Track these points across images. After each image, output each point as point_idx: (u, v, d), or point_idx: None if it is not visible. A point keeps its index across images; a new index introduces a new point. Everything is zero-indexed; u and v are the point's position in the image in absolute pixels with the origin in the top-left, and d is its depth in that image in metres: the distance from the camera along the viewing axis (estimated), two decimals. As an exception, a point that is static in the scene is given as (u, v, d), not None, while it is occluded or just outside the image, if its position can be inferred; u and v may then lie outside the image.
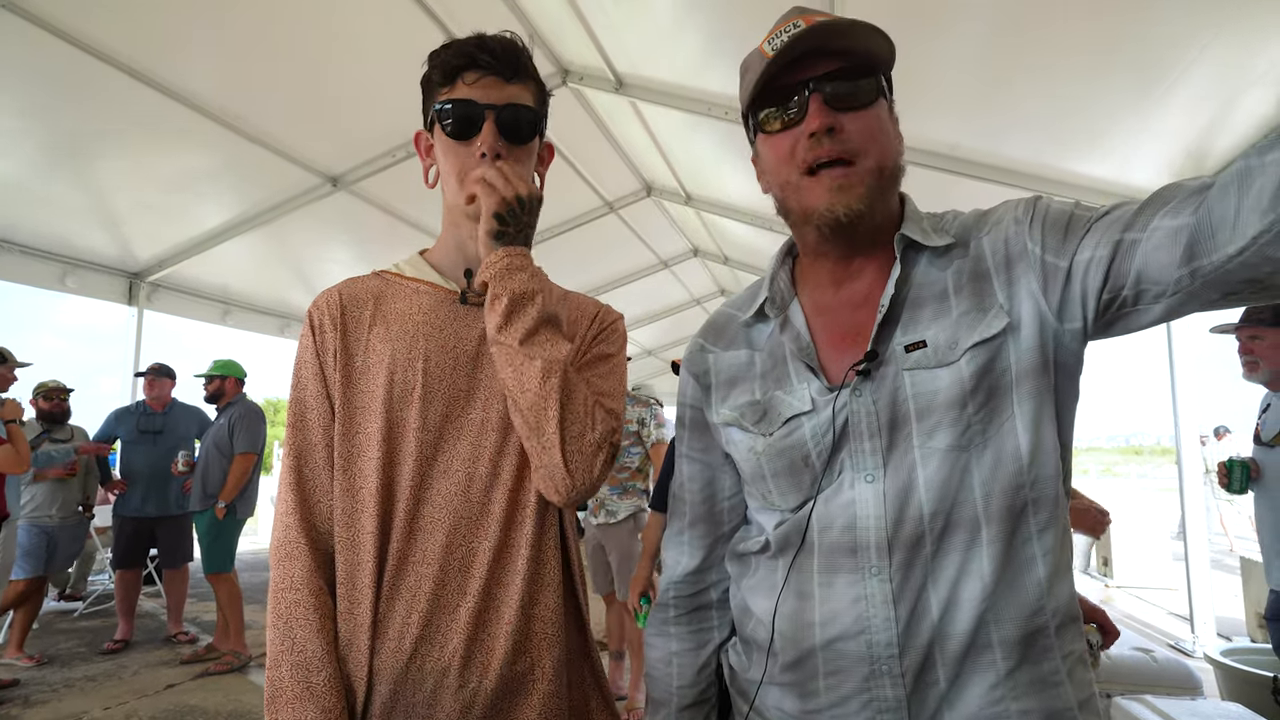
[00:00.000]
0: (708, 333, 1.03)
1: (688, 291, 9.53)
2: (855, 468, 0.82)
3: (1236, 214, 0.61)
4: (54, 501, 4.60)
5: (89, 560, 6.31)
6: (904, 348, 0.82)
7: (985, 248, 0.83)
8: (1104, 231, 0.75)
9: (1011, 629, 0.77)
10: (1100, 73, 3.05)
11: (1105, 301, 0.75)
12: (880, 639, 0.78)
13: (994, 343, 0.79)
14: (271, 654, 0.92)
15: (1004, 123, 3.62)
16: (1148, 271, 0.70)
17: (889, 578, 0.79)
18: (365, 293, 1.07)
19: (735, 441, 0.94)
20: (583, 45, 4.05)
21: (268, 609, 0.95)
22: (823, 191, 0.82)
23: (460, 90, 1.00)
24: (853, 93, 0.82)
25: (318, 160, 4.76)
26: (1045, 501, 0.79)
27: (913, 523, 0.79)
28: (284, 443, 1.02)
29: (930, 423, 0.79)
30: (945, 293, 0.83)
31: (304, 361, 1.03)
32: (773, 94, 0.86)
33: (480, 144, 0.99)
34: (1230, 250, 0.62)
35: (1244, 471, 2.62)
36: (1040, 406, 0.78)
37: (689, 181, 5.91)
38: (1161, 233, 0.69)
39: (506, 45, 1.01)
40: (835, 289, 0.91)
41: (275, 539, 0.98)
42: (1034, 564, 0.78)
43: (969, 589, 0.77)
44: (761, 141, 0.90)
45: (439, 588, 0.95)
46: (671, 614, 1.04)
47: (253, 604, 6.15)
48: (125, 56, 3.51)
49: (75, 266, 5.24)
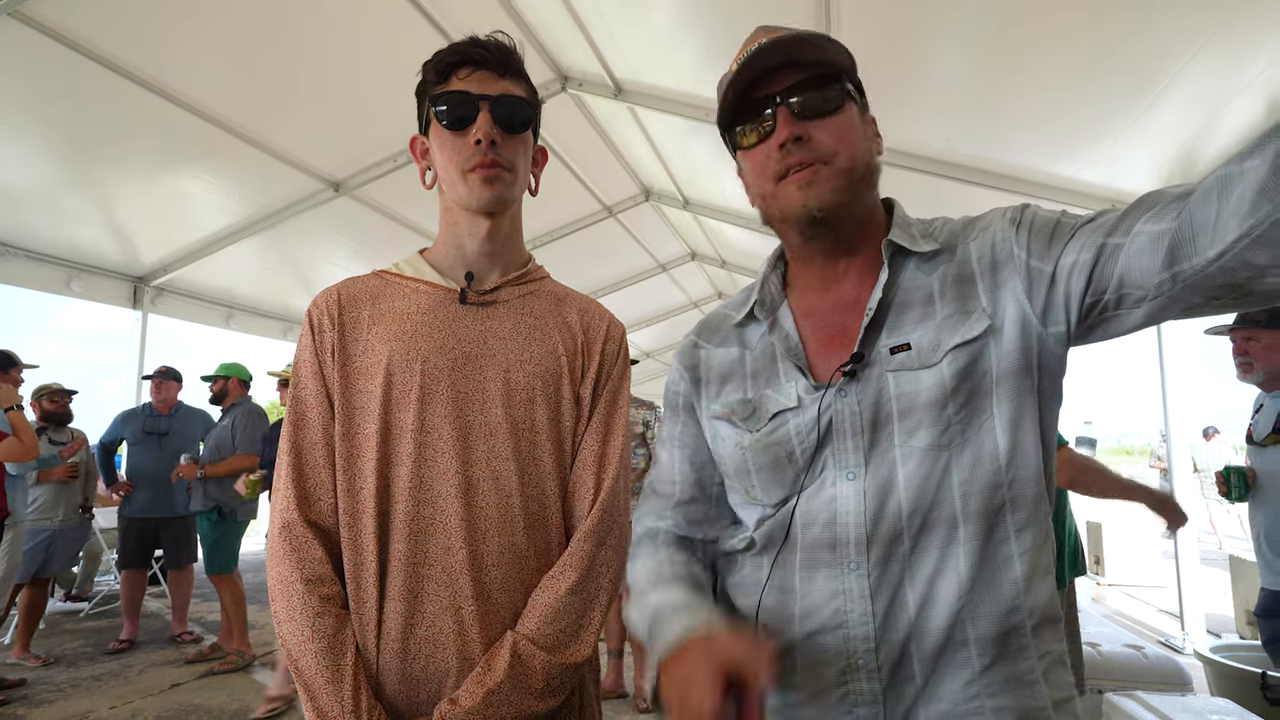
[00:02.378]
0: (701, 330, 1.04)
1: (685, 295, 9.53)
2: (838, 465, 0.83)
3: (1217, 219, 0.61)
4: (57, 504, 4.58)
5: (95, 561, 6.28)
6: (889, 350, 0.83)
7: (972, 253, 0.85)
8: (1088, 236, 0.75)
9: (987, 627, 0.77)
10: (1092, 80, 3.05)
11: (1088, 305, 0.76)
12: (857, 633, 0.79)
13: (975, 345, 0.80)
14: (294, 646, 0.90)
15: (996, 127, 3.63)
16: (1130, 276, 0.71)
17: (867, 573, 0.79)
18: (364, 292, 1.06)
19: (723, 436, 0.94)
20: (582, 52, 4.06)
21: (276, 605, 0.92)
22: (793, 192, 0.84)
23: (455, 85, 1.01)
24: (818, 101, 0.84)
25: (320, 166, 4.76)
26: (1024, 501, 0.79)
27: (891, 520, 0.79)
28: (282, 440, 1.01)
29: (911, 422, 0.80)
30: (931, 297, 0.84)
31: (303, 360, 1.02)
32: (744, 110, 0.87)
33: (476, 131, 0.99)
34: (1210, 254, 0.62)
35: (1241, 479, 2.59)
36: (1020, 408, 0.79)
37: (686, 186, 5.92)
38: (1144, 237, 0.69)
39: (498, 43, 1.03)
40: (823, 292, 0.92)
41: (275, 534, 0.96)
42: (1011, 563, 0.78)
43: (945, 586, 0.77)
44: (741, 157, 0.92)
45: (440, 589, 0.94)
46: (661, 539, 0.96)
47: (255, 604, 6.14)
48: (132, 65, 3.52)
49: (80, 271, 5.23)
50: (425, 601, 0.94)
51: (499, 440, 0.99)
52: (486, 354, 1.02)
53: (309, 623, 0.90)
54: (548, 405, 1.04)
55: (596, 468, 1.05)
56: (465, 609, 0.94)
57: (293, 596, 0.91)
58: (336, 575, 0.96)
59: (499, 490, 0.98)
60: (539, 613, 0.96)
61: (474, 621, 0.94)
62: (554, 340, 1.07)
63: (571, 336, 1.09)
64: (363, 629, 0.94)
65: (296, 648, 0.90)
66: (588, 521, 1.02)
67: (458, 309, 1.04)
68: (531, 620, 0.96)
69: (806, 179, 0.83)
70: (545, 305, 1.10)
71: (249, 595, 5.70)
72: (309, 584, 0.92)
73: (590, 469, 1.05)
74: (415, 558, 0.95)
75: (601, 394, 1.09)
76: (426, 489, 0.96)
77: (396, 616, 0.93)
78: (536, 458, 1.02)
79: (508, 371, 1.02)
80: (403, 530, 0.95)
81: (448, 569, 0.95)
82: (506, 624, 0.97)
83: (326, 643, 0.90)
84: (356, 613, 0.94)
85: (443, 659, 0.93)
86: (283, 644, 0.92)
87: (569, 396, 1.06)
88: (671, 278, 8.63)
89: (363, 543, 0.95)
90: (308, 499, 0.97)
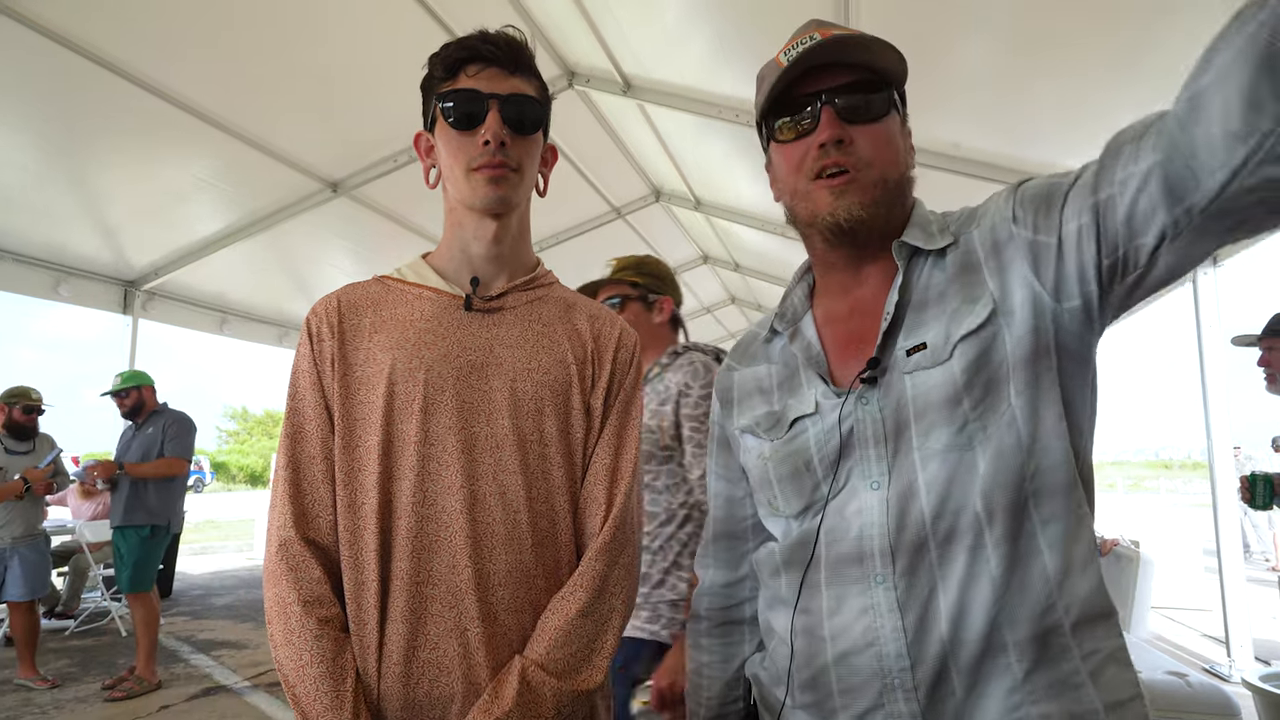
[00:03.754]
0: (734, 353, 1.10)
1: (698, 300, 9.54)
2: (862, 475, 0.84)
3: (1209, 141, 0.60)
4: (10, 520, 4.41)
5: (81, 576, 6.30)
6: (905, 351, 0.84)
7: (975, 241, 0.86)
8: (1081, 199, 0.75)
9: (1024, 629, 0.76)
10: (1127, 75, 3.03)
11: (1108, 269, 0.75)
12: (890, 650, 0.78)
13: (984, 333, 0.80)
14: (291, 670, 0.90)
15: (1022, 124, 3.61)
16: (1136, 224, 0.69)
17: (894, 585, 0.79)
18: (365, 299, 1.06)
19: (749, 448, 0.97)
20: (589, 47, 4.07)
21: (273, 627, 0.92)
22: (826, 197, 0.86)
23: (463, 82, 1.01)
24: (864, 106, 0.86)
25: (318, 165, 4.79)
26: (1050, 492, 0.78)
27: (914, 528, 0.79)
28: (279, 454, 1.00)
29: (926, 423, 0.80)
30: (945, 293, 0.85)
31: (301, 371, 1.02)
32: (787, 104, 0.89)
33: (485, 131, 0.99)
34: (1221, 176, 0.60)
35: (1267, 487, 2.61)
36: (1039, 394, 0.78)
37: (699, 186, 5.93)
38: (1134, 180, 0.68)
39: (509, 39, 1.03)
40: (844, 297, 0.94)
41: (272, 553, 0.95)
42: (1040, 558, 0.77)
43: (978, 592, 0.76)
44: (774, 150, 0.94)
45: (444, 610, 0.94)
46: (703, 626, 1.10)
47: (250, 622, 6.15)
48: (121, 60, 3.55)
49: (69, 274, 5.28)
50: (429, 623, 0.93)
51: (506, 453, 0.99)
52: (493, 363, 1.02)
53: (307, 646, 0.90)
54: (557, 416, 1.03)
55: (608, 482, 1.05)
56: (471, 631, 0.93)
57: (290, 619, 0.91)
58: (336, 596, 0.95)
59: (506, 505, 0.97)
60: (548, 636, 0.95)
61: (480, 644, 0.93)
62: (563, 348, 1.07)
63: (581, 344, 1.09)
64: (363, 652, 0.93)
65: (294, 672, 0.89)
66: (599, 539, 1.01)
67: (462, 316, 1.04)
68: (540, 644, 0.95)
69: (841, 186, 0.85)
70: (554, 312, 1.10)
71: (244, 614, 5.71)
72: (307, 605, 0.91)
73: (602, 483, 1.04)
74: (418, 577, 0.94)
75: (614, 405, 1.09)
76: (430, 504, 0.96)
77: (399, 639, 0.93)
78: (545, 471, 1.01)
79: (515, 381, 1.02)
80: (405, 548, 0.95)
81: (452, 589, 0.94)
82: (514, 647, 0.96)
83: (326, 667, 0.89)
84: (357, 635, 0.94)
85: (447, 684, 0.93)
86: (279, 668, 0.91)
87: (579, 407, 1.05)
88: (683, 282, 8.60)
89: (364, 561, 0.95)
90: (306, 516, 0.97)
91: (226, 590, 7.87)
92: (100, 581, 6.12)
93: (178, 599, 7.28)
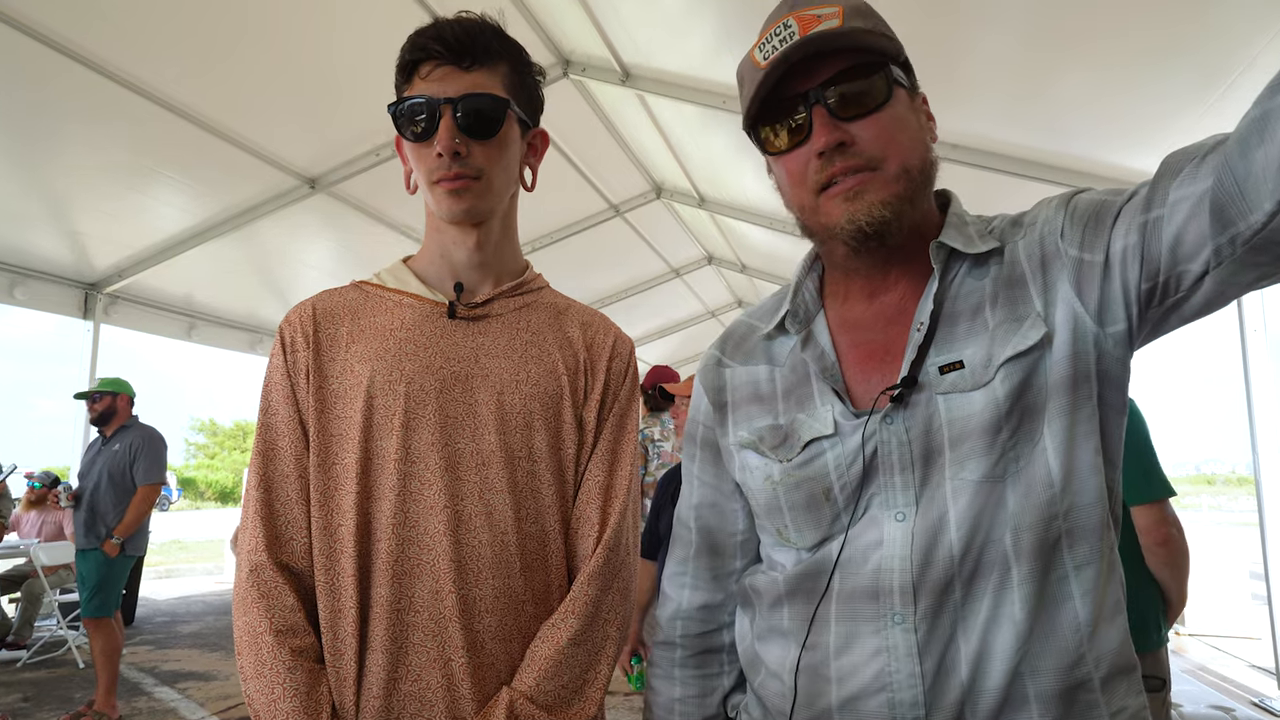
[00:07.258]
0: (725, 344, 1.03)
1: (701, 303, 9.54)
2: (885, 505, 0.81)
3: (1265, 167, 0.60)
4: None
5: (35, 603, 6.26)
6: (938, 369, 0.81)
7: (1020, 252, 0.83)
8: (1131, 217, 0.74)
9: (1049, 681, 0.75)
10: (1156, 66, 3.05)
11: (1145, 293, 0.75)
12: (904, 698, 0.77)
13: (1030, 357, 0.78)
14: (262, 705, 0.90)
15: (1048, 115, 3.62)
16: (1181, 249, 0.70)
17: (913, 627, 0.77)
18: (342, 306, 1.07)
19: (751, 468, 0.93)
20: (585, 33, 4.09)
21: (243, 658, 0.93)
22: (839, 205, 0.81)
23: (417, 87, 1.01)
24: (860, 95, 0.81)
25: (294, 159, 4.81)
26: (1083, 533, 0.77)
27: (942, 565, 0.77)
28: (250, 473, 1.01)
29: (962, 451, 0.78)
30: (982, 305, 0.83)
31: (274, 383, 1.03)
32: (773, 108, 0.84)
33: (436, 144, 0.99)
34: (1269, 207, 0.61)
35: None
36: (1074, 425, 0.77)
37: (702, 182, 5.94)
38: (1186, 203, 0.68)
39: (462, 29, 1.01)
40: (866, 302, 0.90)
41: (242, 579, 0.96)
42: (1071, 605, 0.76)
43: (1001, 638, 0.75)
44: (772, 161, 0.90)
45: (427, 639, 0.94)
46: (678, 655, 1.04)
47: (219, 650, 6.13)
48: (80, 45, 3.55)
49: (24, 276, 5.29)
50: (410, 653, 0.94)
51: (492, 470, 1.00)
52: (478, 374, 1.03)
53: (280, 679, 0.90)
54: (547, 430, 1.04)
55: (602, 501, 1.05)
56: (455, 661, 0.94)
57: (262, 649, 0.91)
58: (311, 624, 0.96)
59: (493, 527, 0.98)
60: (538, 666, 0.96)
61: (465, 676, 0.94)
62: (553, 358, 1.08)
63: (573, 353, 1.10)
64: (340, 685, 0.94)
65: (265, 707, 0.90)
66: (592, 562, 1.02)
67: (446, 324, 1.05)
68: (530, 675, 0.96)
69: (853, 189, 0.81)
70: (544, 319, 1.11)
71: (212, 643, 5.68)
72: (279, 635, 0.92)
73: (595, 502, 1.05)
74: (399, 604, 0.95)
75: (607, 418, 1.09)
76: (411, 526, 0.97)
77: (378, 670, 0.93)
78: (535, 490, 1.02)
79: (502, 393, 1.03)
80: (385, 573, 0.95)
81: (435, 616, 0.95)
82: (501, 678, 0.97)
83: (299, 701, 0.90)
84: (333, 666, 0.95)
85: (430, 718, 0.93)
86: (249, 702, 0.92)
87: (570, 420, 1.06)
88: (686, 283, 8.65)
89: (340, 587, 0.95)
90: (279, 539, 0.97)
91: (193, 617, 7.84)
92: (56, 608, 6.09)
93: (140, 626, 7.25)
